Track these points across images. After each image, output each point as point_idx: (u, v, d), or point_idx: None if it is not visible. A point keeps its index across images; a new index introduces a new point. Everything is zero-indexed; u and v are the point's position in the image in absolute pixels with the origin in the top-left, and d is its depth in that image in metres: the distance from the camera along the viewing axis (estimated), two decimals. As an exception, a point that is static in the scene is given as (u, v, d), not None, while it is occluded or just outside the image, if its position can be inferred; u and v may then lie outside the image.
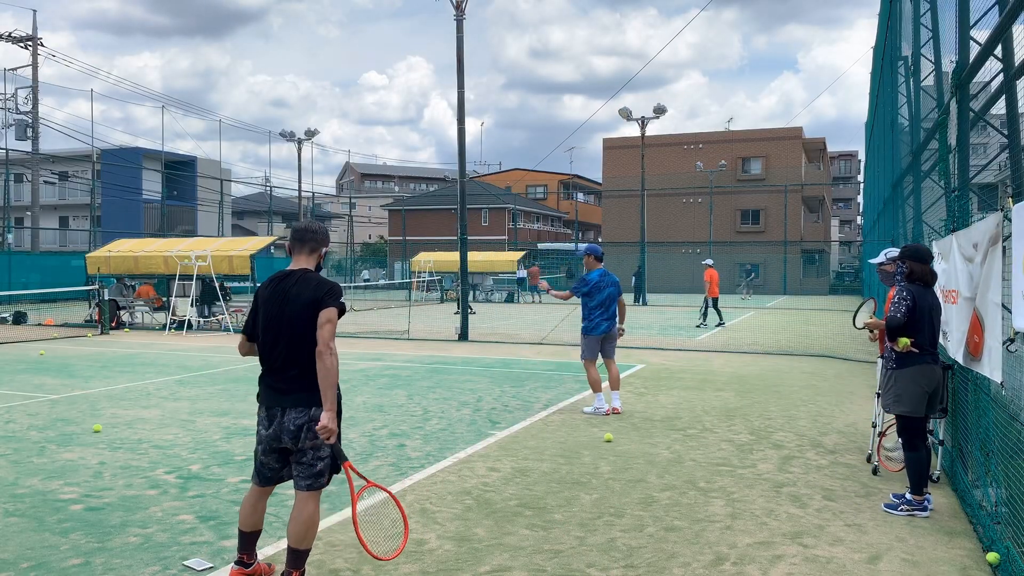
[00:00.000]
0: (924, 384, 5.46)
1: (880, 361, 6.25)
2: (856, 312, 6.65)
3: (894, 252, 6.43)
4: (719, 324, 21.90)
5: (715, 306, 22.13)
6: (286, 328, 3.98)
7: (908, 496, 5.45)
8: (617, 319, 9.34)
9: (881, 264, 6.65)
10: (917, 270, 5.54)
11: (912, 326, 5.42)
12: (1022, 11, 4.25)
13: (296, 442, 3.97)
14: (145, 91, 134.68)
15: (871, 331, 6.20)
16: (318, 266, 4.22)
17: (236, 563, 4.16)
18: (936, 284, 6.28)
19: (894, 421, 5.92)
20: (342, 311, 4.02)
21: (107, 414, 8.86)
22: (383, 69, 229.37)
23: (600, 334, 9.23)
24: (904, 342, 5.44)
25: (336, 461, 4.04)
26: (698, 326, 21.82)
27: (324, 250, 4.21)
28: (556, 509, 5.50)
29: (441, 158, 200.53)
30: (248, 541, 4.18)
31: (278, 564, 4.47)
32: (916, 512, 5.37)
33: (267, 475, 4.16)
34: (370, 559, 4.52)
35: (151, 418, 8.66)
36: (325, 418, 3.85)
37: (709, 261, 22.72)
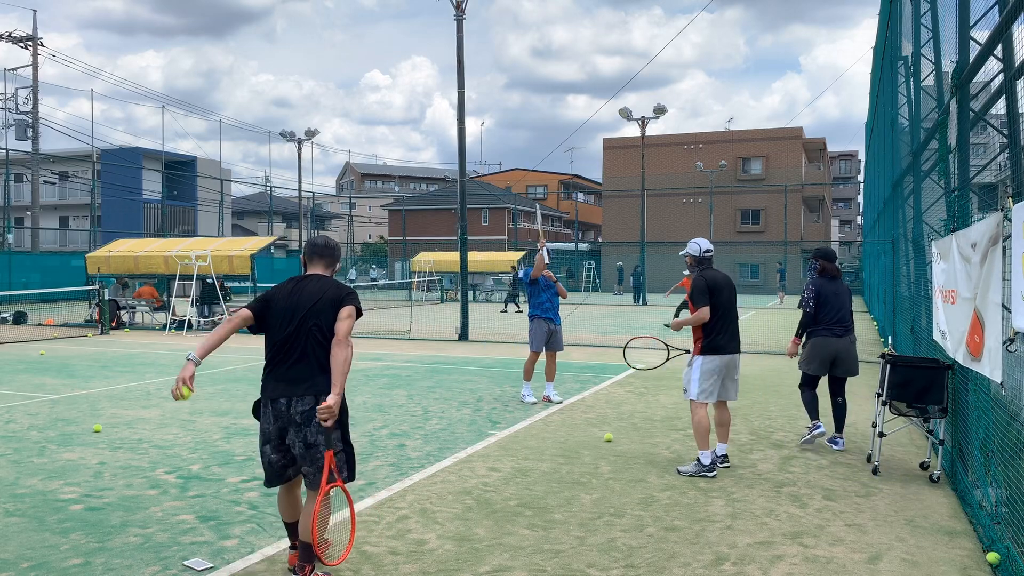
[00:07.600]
0: (819, 350, 7.35)
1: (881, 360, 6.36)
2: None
3: (705, 243, 7.33)
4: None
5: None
6: (308, 322, 4.19)
7: (810, 424, 7.44)
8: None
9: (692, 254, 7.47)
10: (828, 268, 7.45)
11: (818, 311, 7.34)
12: (1022, 11, 4.25)
13: (302, 435, 4.12)
14: (146, 91, 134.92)
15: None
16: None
17: (291, 547, 4.51)
18: (935, 284, 6.32)
19: (894, 419, 5.99)
20: (360, 312, 4.30)
21: (107, 414, 8.87)
22: (386, 69, 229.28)
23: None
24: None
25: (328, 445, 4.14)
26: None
27: (338, 266, 4.57)
28: (556, 509, 5.50)
29: (442, 158, 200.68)
30: (294, 529, 4.43)
31: (277, 564, 4.49)
32: (813, 433, 7.36)
33: (276, 472, 4.30)
34: (371, 559, 4.54)
35: (151, 418, 8.66)
36: (331, 399, 3.99)
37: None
